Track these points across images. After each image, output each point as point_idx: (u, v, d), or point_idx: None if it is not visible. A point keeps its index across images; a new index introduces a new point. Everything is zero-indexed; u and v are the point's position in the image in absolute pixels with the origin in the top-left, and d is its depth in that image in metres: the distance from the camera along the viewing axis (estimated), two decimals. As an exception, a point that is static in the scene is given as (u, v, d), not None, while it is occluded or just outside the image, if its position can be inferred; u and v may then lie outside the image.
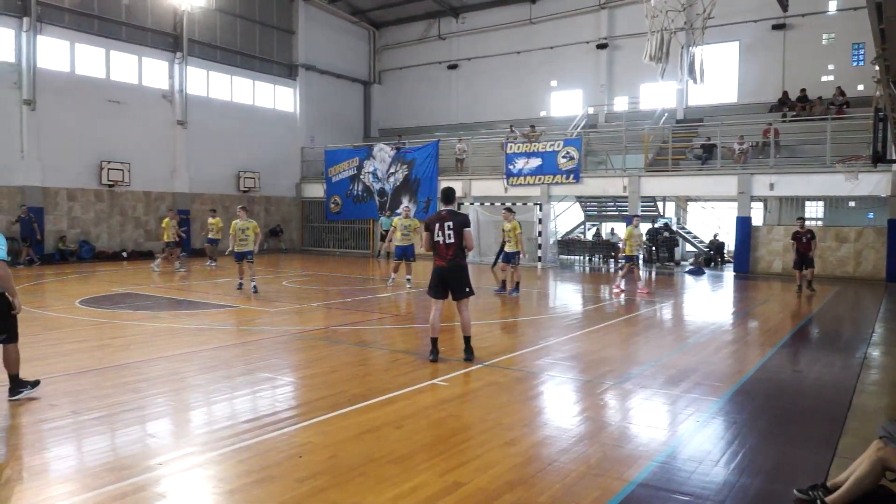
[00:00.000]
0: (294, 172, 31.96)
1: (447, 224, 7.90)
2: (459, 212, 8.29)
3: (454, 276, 7.94)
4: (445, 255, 7.90)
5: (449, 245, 7.88)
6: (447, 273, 7.93)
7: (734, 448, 5.28)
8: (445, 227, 7.87)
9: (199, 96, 27.50)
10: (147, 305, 12.86)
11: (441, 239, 7.88)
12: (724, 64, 27.00)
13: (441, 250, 7.91)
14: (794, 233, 16.51)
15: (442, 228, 7.88)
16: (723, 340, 10.09)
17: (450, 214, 8.00)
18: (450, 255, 7.88)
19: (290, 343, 9.50)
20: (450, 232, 7.85)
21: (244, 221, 14.99)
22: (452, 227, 7.88)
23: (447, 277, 7.94)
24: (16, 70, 21.70)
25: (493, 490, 4.38)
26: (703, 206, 27.75)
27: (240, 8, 29.29)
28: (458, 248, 7.90)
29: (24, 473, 4.65)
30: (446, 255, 7.90)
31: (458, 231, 7.88)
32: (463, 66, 33.84)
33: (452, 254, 7.88)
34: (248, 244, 14.92)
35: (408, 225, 16.35)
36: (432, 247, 7.98)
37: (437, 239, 7.89)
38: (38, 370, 7.46)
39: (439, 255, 7.93)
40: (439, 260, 7.94)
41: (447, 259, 7.89)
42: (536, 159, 24.60)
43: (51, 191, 22.72)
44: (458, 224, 7.92)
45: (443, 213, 8.01)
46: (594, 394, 6.87)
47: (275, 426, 5.64)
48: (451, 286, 7.97)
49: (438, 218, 7.98)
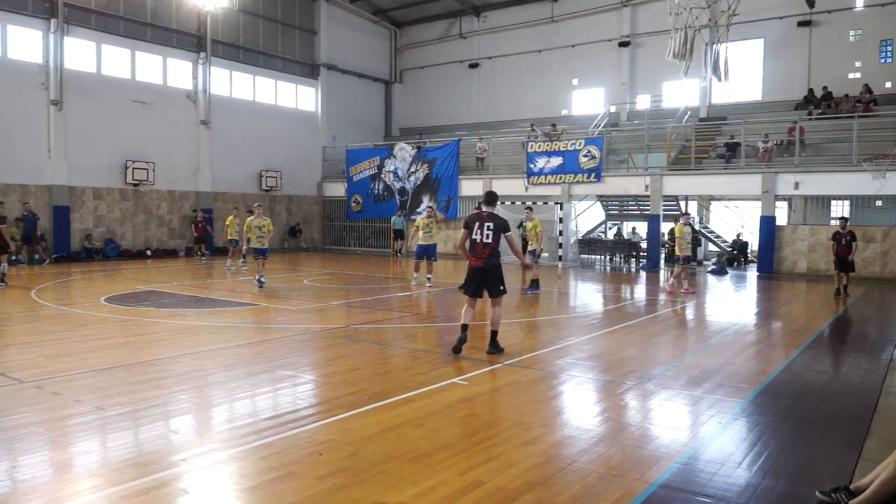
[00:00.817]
0: (315, 171, 32.14)
1: (487, 225, 8.11)
2: (499, 215, 8.50)
3: (491, 275, 8.13)
4: (482, 255, 8.08)
5: (486, 245, 8.07)
6: (484, 273, 8.11)
7: (757, 450, 5.22)
8: (485, 228, 8.08)
9: (223, 96, 27.76)
10: (170, 303, 13.01)
11: (479, 237, 8.08)
12: (749, 61, 26.69)
13: (478, 249, 8.09)
14: (833, 233, 16.17)
15: (481, 228, 8.09)
16: (746, 341, 9.98)
17: (490, 216, 8.21)
18: (486, 254, 8.05)
19: (311, 341, 9.55)
20: (488, 232, 8.05)
21: (259, 219, 15.40)
22: (492, 229, 8.09)
23: (484, 277, 8.13)
24: (43, 71, 22.05)
25: (512, 489, 4.37)
26: (727, 205, 27.45)
27: (262, 8, 29.51)
28: (494, 249, 8.09)
29: (50, 468, 4.73)
30: (482, 253, 8.07)
31: (497, 233, 8.08)
32: (484, 64, 33.79)
33: (489, 254, 8.06)
34: (264, 241, 15.35)
35: (429, 223, 16.28)
36: (469, 245, 8.15)
37: (476, 237, 8.08)
38: (66, 366, 7.60)
39: (476, 254, 8.11)
40: (476, 259, 8.11)
41: (484, 258, 8.06)
42: (557, 158, 24.50)
43: (77, 190, 23.07)
44: (498, 227, 8.13)
45: (483, 214, 8.22)
46: (615, 394, 6.83)
47: (296, 423, 5.68)
48: (488, 285, 8.16)
49: (479, 218, 8.19)
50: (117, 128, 23.97)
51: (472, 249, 8.13)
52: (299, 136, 31.08)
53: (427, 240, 16.16)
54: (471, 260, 8.17)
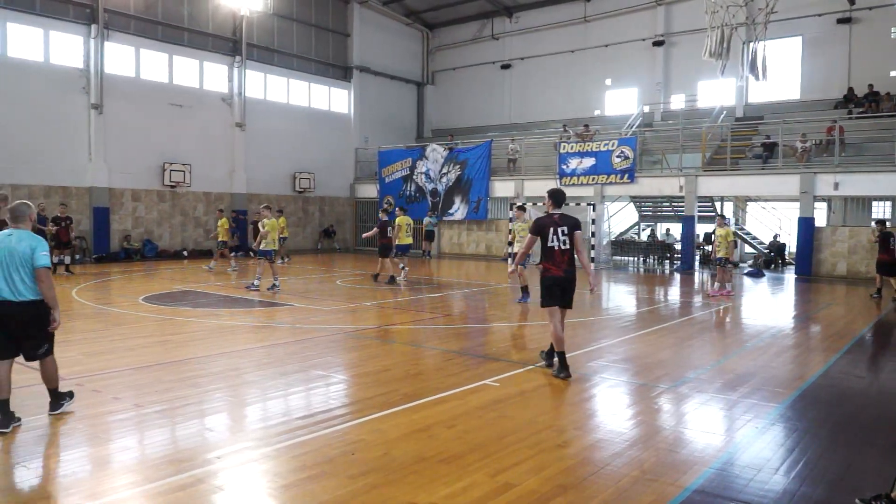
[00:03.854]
0: (348, 173, 32.37)
1: (561, 229, 7.22)
2: (570, 215, 7.59)
3: (570, 287, 7.34)
4: (561, 263, 7.23)
5: (564, 251, 7.22)
6: (564, 283, 7.28)
7: (795, 456, 5.13)
8: (560, 233, 7.20)
9: (257, 99, 28.12)
10: (206, 303, 13.22)
11: (556, 244, 7.20)
12: (787, 60, 26.19)
13: (556, 257, 7.23)
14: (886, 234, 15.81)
15: (556, 234, 7.20)
16: (783, 345, 9.79)
17: (562, 218, 7.32)
18: (565, 262, 7.22)
19: (343, 341, 9.62)
20: (565, 238, 7.20)
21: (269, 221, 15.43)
22: (567, 233, 7.23)
23: (565, 287, 7.31)
24: (84, 75, 22.58)
25: (544, 492, 4.35)
26: (763, 206, 26.96)
27: (296, 12, 29.83)
28: (573, 256, 7.29)
29: (89, 463, 4.84)
30: (562, 262, 7.23)
31: (572, 236, 7.26)
32: (516, 65, 33.70)
33: (568, 262, 7.24)
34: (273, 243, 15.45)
35: (410, 224, 17.80)
36: (544, 253, 7.31)
37: (552, 244, 7.21)
38: (106, 364, 7.77)
39: (553, 263, 7.25)
40: (554, 269, 7.25)
41: (563, 268, 7.23)
42: (590, 159, 24.32)
43: (116, 191, 23.57)
44: (572, 228, 7.29)
45: (555, 217, 7.30)
46: (648, 397, 6.76)
47: (328, 423, 5.73)
48: (566, 295, 7.36)
49: (551, 222, 7.26)
50: (155, 131, 24.44)
51: (549, 257, 7.25)
52: (332, 138, 31.34)
53: (408, 240, 17.75)
54: (548, 269, 7.29)
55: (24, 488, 4.43)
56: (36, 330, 5.63)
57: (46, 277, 5.57)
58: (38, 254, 5.51)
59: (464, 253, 28.06)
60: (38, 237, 5.71)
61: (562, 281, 7.25)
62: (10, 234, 5.58)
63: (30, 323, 5.57)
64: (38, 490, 4.39)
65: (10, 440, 5.26)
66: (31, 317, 5.55)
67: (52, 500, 4.21)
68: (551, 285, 7.32)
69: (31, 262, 5.49)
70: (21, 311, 5.48)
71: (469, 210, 27.57)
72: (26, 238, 5.56)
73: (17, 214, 5.72)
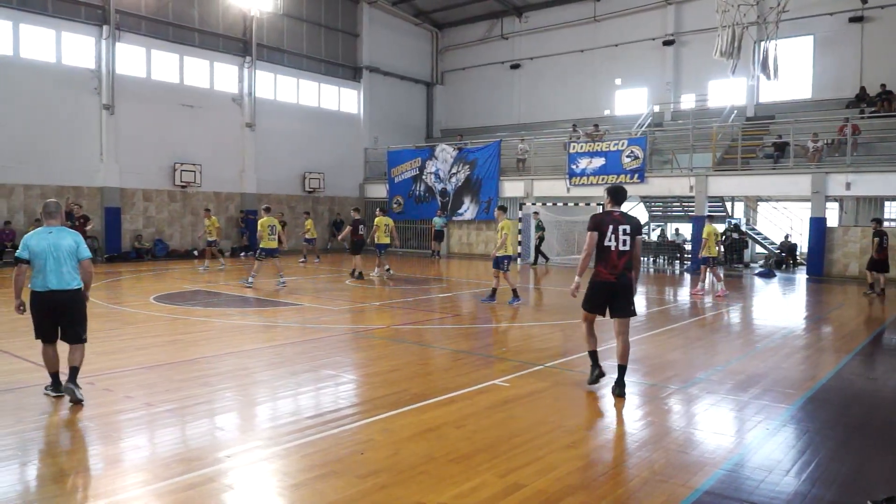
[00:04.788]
0: (357, 173, 32.43)
1: (623, 228, 6.51)
2: (632, 215, 6.90)
3: (624, 292, 6.57)
4: (616, 266, 6.49)
5: (622, 253, 6.49)
6: (616, 288, 6.54)
7: (806, 457, 5.09)
8: (621, 231, 6.49)
9: (267, 99, 28.22)
10: (216, 302, 13.27)
11: (614, 244, 6.48)
12: (798, 59, 26.02)
13: (612, 258, 6.50)
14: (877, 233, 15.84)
15: (616, 232, 6.48)
16: (794, 346, 9.73)
17: (624, 217, 6.64)
18: (621, 265, 6.49)
19: (352, 341, 9.64)
20: (625, 238, 6.49)
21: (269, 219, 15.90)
22: (629, 233, 6.52)
23: (615, 293, 6.57)
24: (96, 76, 22.73)
25: (554, 493, 4.34)
26: (775, 206, 26.82)
27: (306, 12, 29.91)
28: (630, 259, 6.56)
29: (101, 462, 4.87)
30: (617, 264, 6.49)
31: (633, 239, 6.56)
32: (525, 65, 33.66)
33: (624, 265, 6.50)
34: (275, 241, 15.78)
35: (388, 224, 18.71)
36: (598, 253, 6.59)
37: (609, 244, 6.48)
38: (117, 363, 7.82)
39: (607, 265, 6.52)
40: (606, 272, 6.53)
41: (618, 272, 6.49)
42: (600, 159, 24.26)
43: (128, 191, 23.71)
44: (635, 230, 6.59)
45: (616, 215, 6.63)
46: (658, 398, 6.74)
47: (337, 423, 5.74)
48: (617, 302, 6.60)
49: (611, 219, 6.57)
50: (166, 131, 24.57)
51: (604, 259, 6.53)
52: (342, 138, 31.41)
53: (385, 239, 18.56)
54: (600, 272, 6.58)
55: (36, 486, 4.46)
56: (79, 315, 6.29)
57: (90, 266, 6.37)
58: (82, 247, 6.30)
59: (473, 253, 28.05)
60: (76, 232, 6.42)
61: (614, 287, 6.54)
62: (51, 232, 6.19)
63: (74, 308, 6.24)
64: (51, 488, 4.42)
65: (22, 438, 5.29)
66: (75, 302, 6.23)
67: (64, 497, 4.23)
68: (598, 291, 6.66)
69: (77, 255, 6.23)
70: (68, 298, 6.17)
71: (479, 210, 27.56)
72: (67, 233, 6.26)
73: (52, 211, 6.33)
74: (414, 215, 30.07)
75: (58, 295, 6.10)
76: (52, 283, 6.07)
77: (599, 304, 6.69)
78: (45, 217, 6.33)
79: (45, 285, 6.07)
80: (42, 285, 6.08)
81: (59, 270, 6.10)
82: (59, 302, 6.12)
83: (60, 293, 6.11)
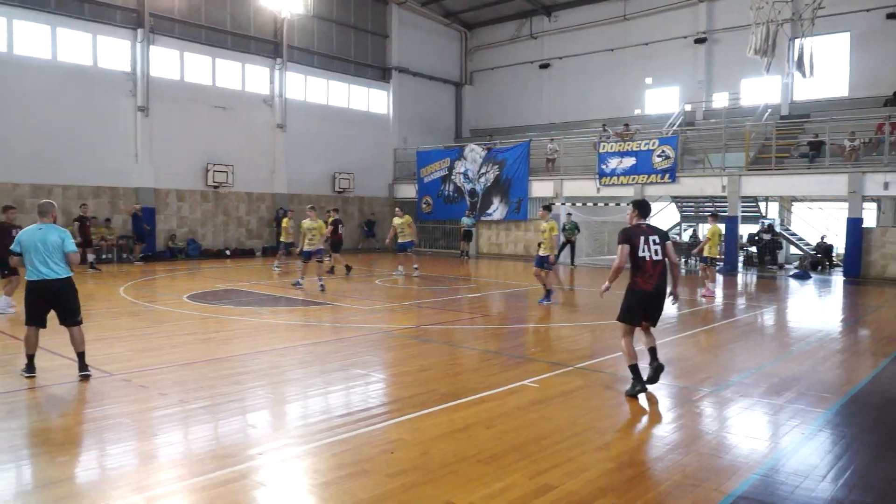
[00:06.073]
0: (387, 173, 32.56)
1: (653, 238, 6.82)
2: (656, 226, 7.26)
3: (658, 302, 6.91)
4: (652, 275, 6.75)
5: (656, 263, 6.76)
6: (653, 299, 6.86)
7: (843, 463, 4.99)
8: (651, 242, 6.80)
9: (298, 100, 28.47)
10: (248, 301, 13.43)
11: (647, 255, 6.76)
12: (834, 56, 25.50)
13: (648, 268, 6.76)
14: None
15: (647, 243, 6.80)
16: (831, 349, 9.54)
17: (651, 228, 6.98)
18: (656, 275, 6.76)
19: (382, 341, 9.69)
20: (656, 247, 6.79)
21: (312, 222, 15.73)
22: (658, 243, 6.81)
23: (651, 302, 6.88)
24: (131, 79, 23.14)
25: (584, 495, 4.32)
26: (810, 206, 26.31)
27: (336, 14, 30.12)
28: (665, 269, 6.84)
29: (136, 457, 4.97)
30: (653, 273, 6.75)
31: (664, 246, 6.86)
32: (555, 64, 33.49)
33: (659, 275, 6.77)
34: (315, 243, 15.64)
35: (401, 223, 19.09)
36: (634, 264, 6.84)
37: (643, 255, 6.76)
38: (152, 360, 7.96)
39: (644, 275, 6.79)
40: (643, 282, 6.79)
41: (654, 282, 6.76)
42: (630, 159, 24.04)
43: (162, 192, 24.10)
44: (664, 238, 6.92)
45: (643, 227, 6.96)
46: (690, 401, 6.66)
47: (367, 422, 5.77)
48: (652, 310, 6.94)
49: (641, 231, 6.89)
50: (199, 132, 24.92)
51: (640, 270, 6.79)
52: (371, 139, 31.57)
53: (403, 238, 19.04)
54: (638, 282, 6.82)
55: (74, 480, 4.56)
56: (72, 299, 7.04)
57: (75, 258, 7.11)
58: (67, 241, 7.02)
59: (502, 253, 28.00)
60: (63, 229, 7.13)
61: (650, 297, 6.83)
62: (40, 228, 6.97)
63: (66, 294, 6.99)
64: (88, 482, 4.51)
65: (62, 433, 5.42)
66: (66, 289, 7.00)
67: (100, 492, 4.32)
68: (637, 302, 6.89)
69: (62, 248, 6.95)
70: (60, 286, 6.94)
71: (509, 210, 27.50)
72: (54, 230, 6.98)
73: (43, 210, 7.12)
74: (443, 215, 30.10)
75: (49, 283, 6.88)
76: (44, 273, 6.85)
77: (638, 315, 6.95)
78: (39, 214, 7.12)
79: (37, 275, 6.85)
80: (35, 275, 6.87)
81: (47, 262, 6.85)
82: (52, 289, 6.90)
83: (52, 282, 6.88)
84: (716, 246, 15.36)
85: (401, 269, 19.13)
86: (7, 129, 20.30)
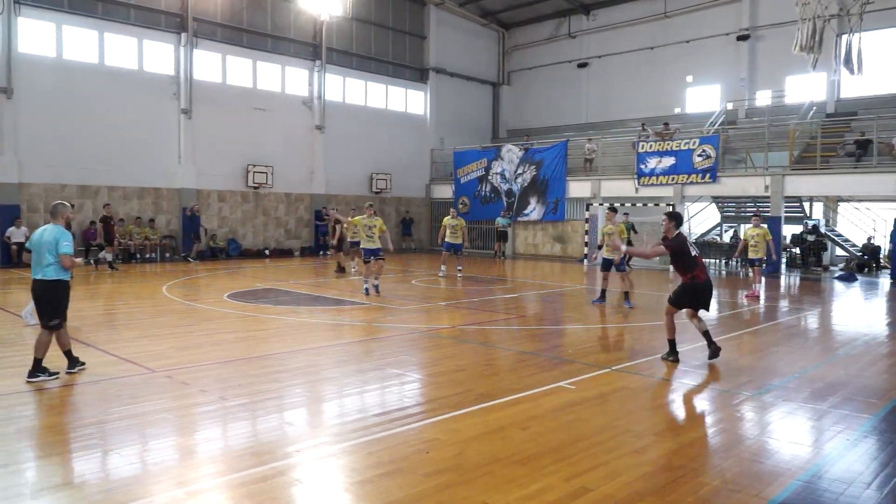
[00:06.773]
0: (424, 173, 32.67)
1: (690, 241, 8.55)
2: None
3: (710, 291, 8.31)
4: (705, 268, 8.31)
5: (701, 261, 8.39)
6: (707, 287, 8.23)
7: (889, 470, 4.85)
8: (693, 247, 8.39)
9: (336, 102, 28.75)
10: (287, 301, 13.60)
11: (696, 252, 8.36)
12: (883, 52, 24.76)
13: (700, 262, 8.30)
14: None
15: (692, 247, 8.36)
16: (878, 353, 9.28)
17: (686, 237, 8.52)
18: (705, 270, 8.31)
19: (418, 341, 9.72)
20: (696, 252, 8.39)
21: (369, 219, 14.73)
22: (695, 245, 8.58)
23: (706, 291, 8.25)
24: (175, 82, 23.64)
25: (621, 498, 4.28)
26: (856, 206, 25.61)
27: (374, 16, 30.33)
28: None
29: (177, 452, 5.07)
30: (705, 267, 8.32)
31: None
32: (593, 64, 33.20)
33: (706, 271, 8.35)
34: (374, 241, 14.63)
35: (455, 224, 18.56)
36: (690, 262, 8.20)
37: (695, 253, 8.31)
38: (193, 357, 8.12)
39: (702, 269, 8.25)
40: (702, 274, 8.21)
41: (705, 276, 8.22)
42: (670, 158, 23.70)
43: (204, 193, 24.57)
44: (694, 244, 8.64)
45: (682, 237, 8.37)
46: (730, 405, 6.54)
47: (403, 421, 5.80)
48: (704, 299, 8.27)
49: (683, 237, 8.36)
50: (240, 134, 25.34)
51: (698, 265, 8.20)
52: (408, 139, 31.71)
53: (453, 239, 18.48)
54: (698, 274, 8.15)
55: (117, 474, 4.68)
56: (49, 305, 6.98)
57: (66, 260, 6.94)
58: (62, 244, 6.92)
59: (539, 254, 27.86)
60: (66, 231, 7.08)
61: (707, 287, 8.22)
62: (45, 229, 7.04)
63: (48, 295, 6.95)
64: (131, 476, 4.63)
65: (105, 428, 5.56)
66: (45, 291, 6.94)
67: (143, 486, 4.43)
68: (695, 290, 8.20)
69: (56, 249, 6.88)
70: (38, 287, 6.95)
71: (547, 210, 27.35)
72: (55, 231, 6.96)
73: (52, 212, 7.22)
74: (480, 216, 30.05)
75: (35, 283, 7.00)
76: (34, 273, 6.99)
77: (689, 302, 8.30)
78: (50, 216, 7.24)
79: (32, 275, 7.04)
80: (32, 274, 7.05)
81: (39, 262, 6.94)
82: (35, 289, 7.03)
83: (36, 282, 6.98)
84: (762, 247, 15.05)
85: (443, 269, 18.85)
86: (55, 132, 20.92)
